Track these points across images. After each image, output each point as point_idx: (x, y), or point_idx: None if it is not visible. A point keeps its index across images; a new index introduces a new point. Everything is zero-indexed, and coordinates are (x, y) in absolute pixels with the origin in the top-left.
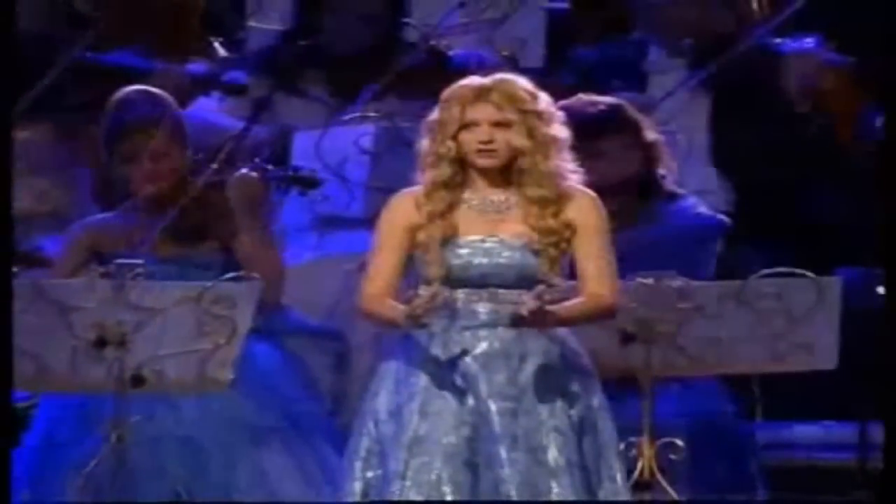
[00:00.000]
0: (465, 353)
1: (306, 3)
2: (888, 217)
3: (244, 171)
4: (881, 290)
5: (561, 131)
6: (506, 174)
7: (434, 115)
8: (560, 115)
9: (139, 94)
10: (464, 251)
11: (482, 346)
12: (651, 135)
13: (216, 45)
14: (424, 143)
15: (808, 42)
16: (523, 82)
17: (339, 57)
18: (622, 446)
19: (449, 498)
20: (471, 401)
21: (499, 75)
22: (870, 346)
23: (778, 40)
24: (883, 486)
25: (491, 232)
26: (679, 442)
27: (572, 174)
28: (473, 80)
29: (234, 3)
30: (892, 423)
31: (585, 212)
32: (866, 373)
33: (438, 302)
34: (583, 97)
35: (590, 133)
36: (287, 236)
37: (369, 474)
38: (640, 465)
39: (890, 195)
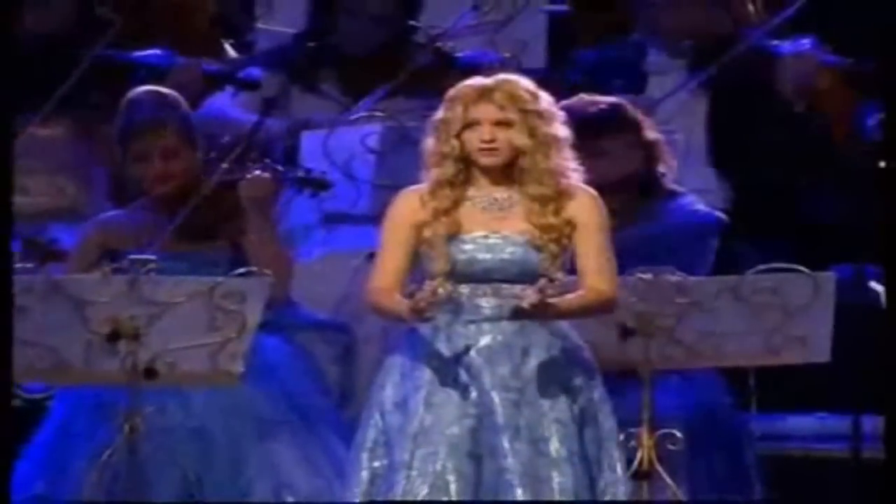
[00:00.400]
0: (468, 348)
1: (319, 5)
2: (888, 215)
3: (256, 172)
4: (875, 285)
5: (562, 130)
6: (508, 172)
7: (438, 114)
8: (561, 114)
9: (149, 95)
10: (468, 247)
11: (486, 340)
12: (651, 134)
13: (227, 46)
14: (429, 142)
15: (804, 43)
16: (525, 82)
17: (350, 57)
18: (622, 437)
19: (453, 487)
20: (474, 393)
21: (501, 76)
22: (862, 339)
23: (775, 42)
24: (886, 480)
25: (494, 228)
26: (677, 433)
27: (573, 172)
28: (476, 81)
29: (243, 5)
30: (893, 418)
31: (586, 209)
32: (859, 366)
33: (441, 296)
34: (584, 97)
35: (591, 132)
36: (295, 233)
37: (376, 464)
38: (639, 455)
39: (890, 194)
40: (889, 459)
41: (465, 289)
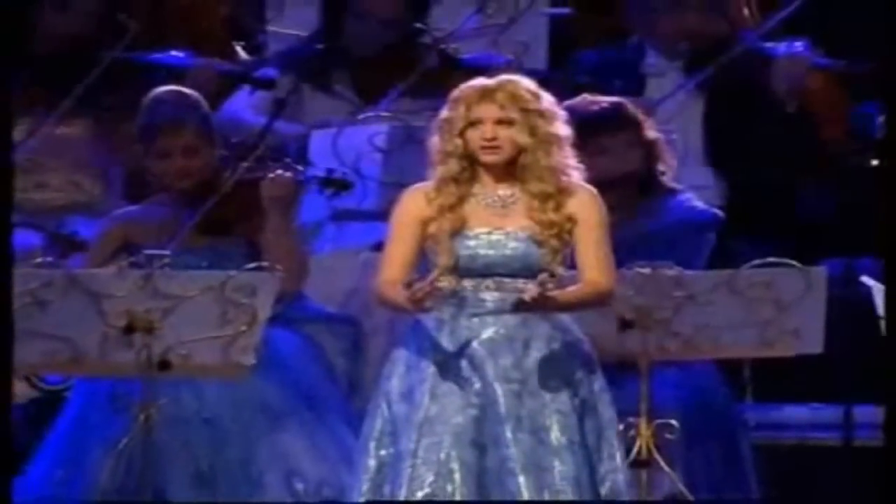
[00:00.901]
0: (470, 341)
1: (328, 8)
2: (888, 213)
3: (278, 171)
4: (866, 279)
5: (562, 129)
6: (511, 170)
7: (443, 114)
8: (562, 113)
9: (171, 95)
10: (472, 242)
11: (489, 332)
12: (651, 133)
13: (238, 48)
14: (434, 141)
15: (797, 45)
16: (526, 83)
17: (359, 58)
18: (621, 427)
19: (457, 475)
20: (477, 384)
21: (503, 76)
22: (853, 332)
23: (769, 44)
24: (886, 471)
25: (497, 225)
26: (674, 422)
27: (573, 170)
28: (479, 81)
29: (254, 8)
30: (893, 408)
31: (585, 206)
32: (850, 357)
33: (443, 288)
34: (587, 97)
35: (592, 130)
36: (306, 229)
37: (382, 453)
38: (637, 444)
39: (888, 192)
40: (889, 448)
41: (468, 283)
